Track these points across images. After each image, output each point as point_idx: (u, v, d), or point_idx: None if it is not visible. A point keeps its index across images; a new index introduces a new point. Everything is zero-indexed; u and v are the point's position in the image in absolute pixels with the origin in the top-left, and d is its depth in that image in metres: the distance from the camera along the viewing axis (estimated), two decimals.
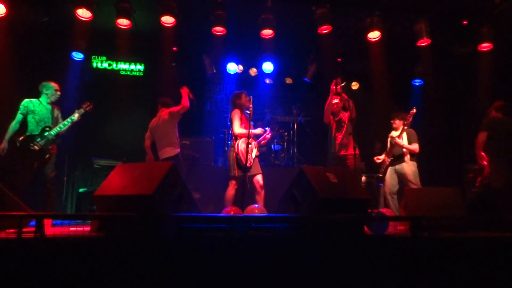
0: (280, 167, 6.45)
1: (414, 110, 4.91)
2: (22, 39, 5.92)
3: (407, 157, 4.95)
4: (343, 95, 4.80)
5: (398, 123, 5.15)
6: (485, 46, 6.20)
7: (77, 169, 6.46)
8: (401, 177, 4.98)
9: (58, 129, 4.47)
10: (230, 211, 3.63)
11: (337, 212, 2.84)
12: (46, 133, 4.40)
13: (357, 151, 4.72)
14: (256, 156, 4.69)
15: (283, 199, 3.32)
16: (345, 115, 4.89)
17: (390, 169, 5.05)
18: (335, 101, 4.90)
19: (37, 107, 4.49)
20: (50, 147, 4.40)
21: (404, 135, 4.98)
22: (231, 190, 4.58)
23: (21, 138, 4.33)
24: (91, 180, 5.81)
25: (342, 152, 4.79)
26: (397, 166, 5.01)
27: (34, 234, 2.36)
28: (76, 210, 5.92)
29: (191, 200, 3.12)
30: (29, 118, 4.43)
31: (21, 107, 4.46)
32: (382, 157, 5.19)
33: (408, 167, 4.91)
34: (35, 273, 2.23)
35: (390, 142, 5.14)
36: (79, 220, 3.96)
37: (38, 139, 4.36)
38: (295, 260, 2.48)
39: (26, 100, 4.50)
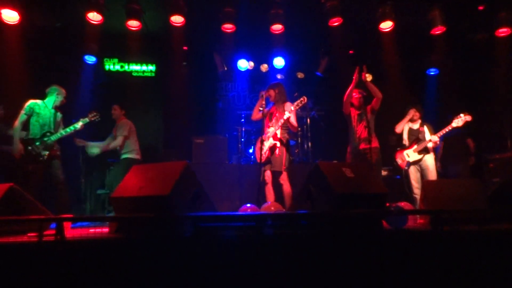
0: (294, 163, 6.40)
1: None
2: (35, 44, 6.02)
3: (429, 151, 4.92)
4: (368, 84, 4.71)
5: (416, 114, 5.11)
6: (503, 31, 6.03)
7: (94, 171, 6.56)
8: (422, 170, 4.93)
9: (59, 135, 4.40)
10: (247, 208, 3.63)
11: (354, 207, 2.80)
12: (46, 138, 4.33)
13: (377, 145, 4.67)
14: (271, 149, 4.49)
15: (299, 195, 3.30)
16: (366, 108, 4.79)
17: (413, 164, 4.99)
18: (355, 94, 4.80)
19: (42, 110, 4.41)
20: (48, 152, 4.32)
21: (425, 128, 4.99)
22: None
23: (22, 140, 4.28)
24: (108, 181, 5.88)
25: (362, 146, 4.70)
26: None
27: (55, 237, 2.40)
28: (94, 211, 6.03)
29: (207, 198, 3.12)
30: (33, 120, 4.35)
31: (27, 107, 4.35)
32: (411, 152, 5.04)
33: (430, 159, 4.90)
34: (56, 275, 2.27)
35: (414, 135, 5.05)
36: (98, 222, 4.01)
37: (38, 143, 4.30)
38: (313, 257, 2.45)
39: (32, 101, 4.42)
